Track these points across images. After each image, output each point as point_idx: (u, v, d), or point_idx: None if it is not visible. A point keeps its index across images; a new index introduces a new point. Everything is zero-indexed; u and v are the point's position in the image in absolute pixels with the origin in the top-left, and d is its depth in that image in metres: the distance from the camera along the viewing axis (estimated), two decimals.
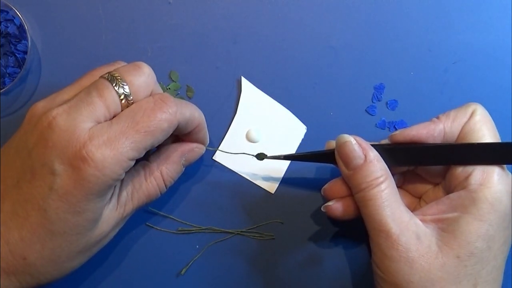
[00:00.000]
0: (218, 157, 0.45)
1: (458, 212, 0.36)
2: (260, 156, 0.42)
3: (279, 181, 0.45)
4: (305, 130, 0.45)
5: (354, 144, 0.38)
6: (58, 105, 0.34)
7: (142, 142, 0.34)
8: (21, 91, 0.45)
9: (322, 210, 0.40)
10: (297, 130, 0.45)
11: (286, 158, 0.41)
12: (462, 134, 0.38)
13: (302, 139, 0.45)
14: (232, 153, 0.44)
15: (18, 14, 0.42)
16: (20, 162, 0.34)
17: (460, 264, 0.35)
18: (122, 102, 0.35)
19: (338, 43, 0.46)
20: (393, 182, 0.37)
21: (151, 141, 0.35)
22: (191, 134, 0.40)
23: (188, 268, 0.43)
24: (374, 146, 0.38)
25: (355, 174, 0.37)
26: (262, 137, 0.45)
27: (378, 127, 0.46)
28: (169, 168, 0.40)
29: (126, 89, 0.35)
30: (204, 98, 0.45)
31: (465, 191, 0.36)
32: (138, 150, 0.34)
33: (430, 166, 0.40)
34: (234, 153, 0.44)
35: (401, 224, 0.35)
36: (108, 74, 0.35)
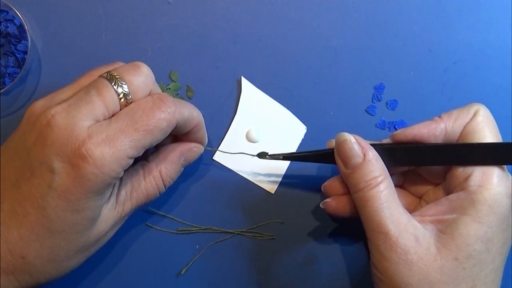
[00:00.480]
0: (218, 157, 0.45)
1: (456, 213, 0.36)
2: (261, 155, 0.42)
3: (279, 181, 0.45)
4: (305, 130, 0.45)
5: (353, 142, 0.37)
6: (57, 104, 0.34)
7: (141, 140, 0.34)
8: (21, 91, 0.45)
9: (321, 206, 0.40)
10: (297, 130, 0.45)
11: (285, 158, 0.41)
12: (463, 134, 0.38)
13: (302, 139, 0.45)
14: (231, 153, 0.44)
15: (18, 14, 0.42)
16: (19, 161, 0.34)
17: (458, 266, 0.35)
18: (121, 101, 0.35)
19: (338, 43, 0.46)
20: (391, 182, 0.37)
21: (150, 140, 0.35)
22: (190, 133, 0.40)
23: (188, 268, 0.43)
24: (374, 145, 0.38)
25: (354, 173, 0.37)
26: (262, 137, 0.45)
27: (378, 127, 0.46)
28: (168, 168, 0.40)
29: (125, 88, 0.35)
30: (204, 98, 0.45)
31: (464, 193, 0.36)
32: (137, 149, 0.34)
33: (431, 166, 0.40)
34: (233, 153, 0.44)
35: (399, 225, 0.35)
36: (107, 74, 0.35)
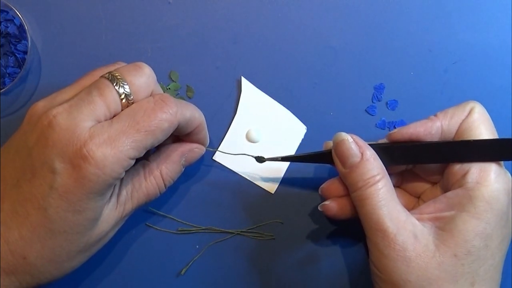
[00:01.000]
0: (218, 157, 0.45)
1: (455, 210, 0.36)
2: (259, 159, 0.42)
3: (279, 181, 0.45)
4: (305, 130, 0.45)
5: (351, 142, 0.38)
6: (58, 104, 0.34)
7: (142, 141, 0.34)
8: (21, 91, 0.45)
9: (319, 209, 0.40)
10: (297, 130, 0.45)
11: (284, 159, 0.42)
12: (459, 131, 0.38)
13: (302, 139, 0.45)
14: (232, 153, 0.44)
15: (18, 14, 0.42)
16: (20, 162, 0.34)
17: (457, 262, 0.35)
18: (122, 102, 0.35)
19: (338, 43, 0.46)
20: (389, 181, 0.37)
21: (152, 140, 0.35)
22: (191, 134, 0.40)
23: (188, 268, 0.43)
24: (371, 145, 0.38)
25: (352, 172, 0.37)
26: (262, 137, 0.45)
27: (378, 127, 0.46)
28: (168, 168, 0.40)
29: (126, 88, 0.35)
30: (204, 98, 0.45)
31: (462, 189, 0.36)
32: (139, 149, 0.34)
33: (428, 164, 0.40)
34: (234, 153, 0.44)
35: (398, 223, 0.35)
36: (108, 74, 0.35)
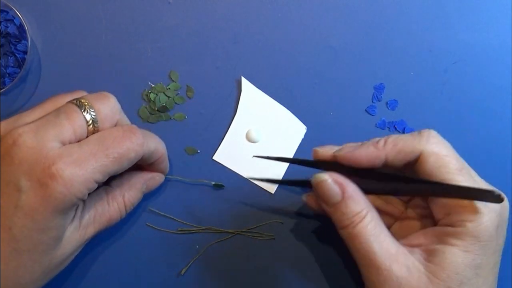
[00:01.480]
0: (218, 157, 0.45)
1: (443, 243, 0.36)
2: (217, 185, 0.44)
3: (279, 181, 0.45)
4: (305, 130, 0.45)
5: (330, 182, 0.37)
6: (22, 125, 0.34)
7: (109, 166, 0.35)
8: (21, 91, 0.45)
9: (303, 199, 0.41)
10: (297, 130, 0.45)
11: (268, 180, 0.42)
12: (418, 173, 0.37)
13: (302, 139, 0.45)
14: (185, 179, 0.44)
15: (18, 14, 0.42)
16: None
17: None
18: (89, 128, 0.36)
19: (338, 43, 0.46)
20: (375, 212, 0.37)
21: (117, 167, 0.36)
22: (153, 164, 0.41)
23: (188, 268, 0.43)
24: (353, 171, 0.37)
25: (336, 211, 0.37)
26: (262, 137, 0.45)
27: (378, 127, 0.46)
28: (131, 194, 0.41)
29: (93, 115, 0.36)
30: (204, 98, 0.45)
31: (448, 226, 0.36)
32: (104, 174, 0.35)
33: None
34: (188, 180, 0.44)
35: (390, 257, 0.35)
36: (76, 100, 0.36)
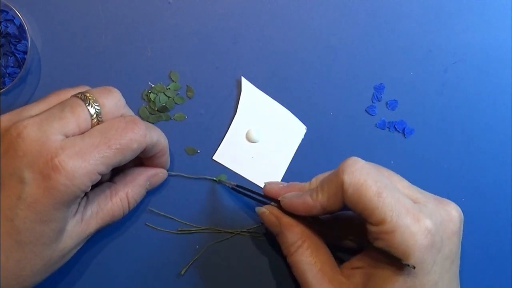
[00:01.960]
0: (218, 157, 0.45)
1: (376, 267, 0.36)
2: (220, 180, 0.44)
3: (279, 181, 0.45)
4: (305, 130, 0.45)
5: (267, 214, 0.40)
6: (26, 118, 0.35)
7: (111, 158, 0.35)
8: (21, 91, 0.45)
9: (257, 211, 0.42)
10: (297, 130, 0.45)
11: (234, 189, 0.43)
12: (348, 206, 0.36)
13: (302, 139, 0.45)
14: (185, 175, 0.44)
15: (18, 14, 0.42)
16: None
17: None
18: (93, 122, 0.36)
19: (338, 43, 0.46)
20: (313, 241, 0.38)
21: (120, 158, 0.36)
22: (154, 157, 0.41)
23: (188, 268, 0.43)
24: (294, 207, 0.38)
25: (279, 240, 0.40)
26: (262, 137, 0.45)
27: (378, 127, 0.46)
28: (134, 190, 0.41)
29: (98, 109, 0.36)
30: (204, 98, 0.45)
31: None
32: (107, 165, 0.35)
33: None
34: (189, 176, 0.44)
35: (321, 285, 0.37)
36: (81, 94, 0.36)
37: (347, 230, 0.39)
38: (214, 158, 0.45)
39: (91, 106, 0.36)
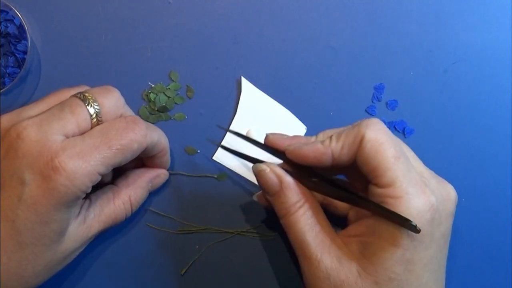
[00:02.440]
0: (218, 157, 0.45)
1: (374, 236, 0.35)
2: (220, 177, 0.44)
3: None
4: (305, 130, 0.45)
5: (268, 172, 0.37)
6: (26, 119, 0.35)
7: (112, 158, 0.35)
8: (21, 91, 0.45)
9: (254, 199, 0.41)
10: (297, 130, 0.45)
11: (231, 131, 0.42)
12: (359, 164, 0.35)
13: None
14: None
15: (18, 14, 0.42)
16: None
17: None
18: (92, 122, 0.36)
19: (338, 43, 0.46)
20: (313, 204, 0.37)
21: (120, 159, 0.36)
22: (155, 158, 0.41)
23: (188, 268, 0.43)
24: (292, 170, 0.38)
25: (275, 201, 0.38)
26: (262, 137, 0.45)
27: None
28: (137, 193, 0.41)
29: (97, 109, 0.36)
30: (204, 98, 0.45)
31: (379, 217, 0.35)
32: (107, 166, 0.35)
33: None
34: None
35: (322, 248, 0.36)
36: (80, 94, 0.36)
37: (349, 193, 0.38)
38: (214, 158, 0.45)
39: (91, 106, 0.36)
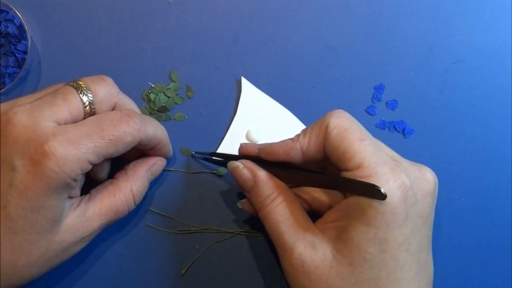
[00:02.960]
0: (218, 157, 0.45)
1: (348, 219, 0.35)
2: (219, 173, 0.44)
3: None
4: None
5: (242, 168, 0.39)
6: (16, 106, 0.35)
7: (103, 148, 0.35)
8: (21, 91, 0.45)
9: (239, 206, 0.42)
10: (297, 130, 0.45)
11: (207, 159, 0.43)
12: (327, 153, 0.36)
13: None
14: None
15: (18, 14, 0.42)
16: None
17: (354, 271, 0.34)
18: (85, 110, 0.36)
19: (338, 43, 0.46)
20: (288, 195, 0.38)
21: (112, 150, 0.36)
22: (154, 149, 0.41)
23: (188, 268, 0.43)
24: (266, 165, 0.39)
25: (251, 196, 0.39)
26: (262, 137, 0.45)
27: (378, 127, 0.46)
28: (137, 184, 0.41)
29: (90, 97, 0.36)
30: (204, 98, 0.45)
31: (352, 198, 0.35)
32: (98, 156, 0.35)
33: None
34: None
35: (297, 235, 0.36)
36: (74, 82, 0.36)
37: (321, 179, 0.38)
38: (214, 158, 0.45)
39: (84, 94, 0.36)
